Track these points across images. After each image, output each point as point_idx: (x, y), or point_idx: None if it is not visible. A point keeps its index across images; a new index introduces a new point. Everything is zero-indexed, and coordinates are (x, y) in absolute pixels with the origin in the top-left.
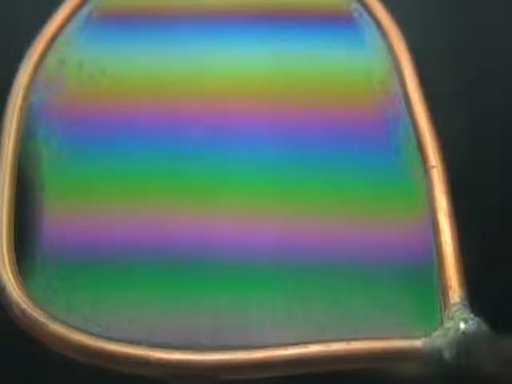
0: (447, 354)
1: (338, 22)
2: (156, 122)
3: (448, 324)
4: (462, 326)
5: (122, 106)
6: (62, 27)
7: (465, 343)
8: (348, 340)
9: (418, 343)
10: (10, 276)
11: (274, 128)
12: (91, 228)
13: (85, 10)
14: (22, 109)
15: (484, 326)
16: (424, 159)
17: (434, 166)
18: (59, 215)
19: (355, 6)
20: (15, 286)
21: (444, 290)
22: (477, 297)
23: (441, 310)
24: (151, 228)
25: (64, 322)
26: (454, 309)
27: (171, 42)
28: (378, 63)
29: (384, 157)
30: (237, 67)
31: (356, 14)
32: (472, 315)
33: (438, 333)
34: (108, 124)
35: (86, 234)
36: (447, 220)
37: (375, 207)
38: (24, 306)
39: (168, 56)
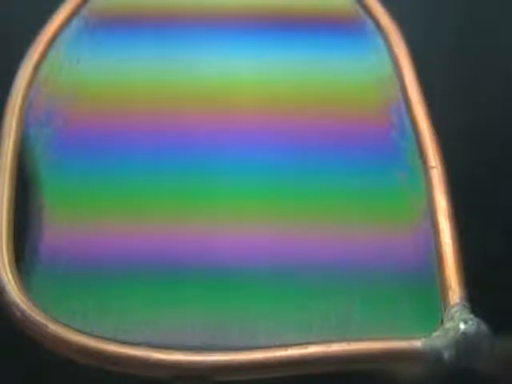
0: (447, 355)
1: (339, 26)
2: (155, 128)
3: (448, 324)
4: (462, 326)
5: (121, 111)
6: (61, 28)
7: (465, 344)
8: (348, 340)
9: (417, 344)
10: (10, 277)
11: (275, 135)
12: (91, 231)
13: (84, 11)
14: (21, 109)
15: (484, 327)
16: (424, 160)
17: (433, 167)
18: (59, 218)
19: (357, 9)
20: (15, 286)
21: (444, 291)
22: (477, 297)
23: (441, 310)
24: (152, 233)
25: (64, 323)
26: (453, 309)
27: (171, 46)
28: (379, 66)
29: (384, 158)
30: (237, 73)
31: (357, 18)
32: (472, 316)
33: (437, 333)
34: (106, 129)
35: (86, 236)
36: (447, 220)
37: (375, 209)
38: (23, 306)
39: (168, 61)
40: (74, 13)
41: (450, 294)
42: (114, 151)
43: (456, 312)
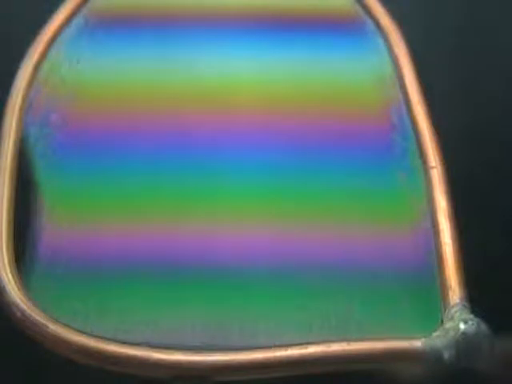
0: (447, 355)
1: (339, 26)
2: (155, 129)
3: (448, 324)
4: (462, 326)
5: (121, 111)
6: (61, 28)
7: (464, 344)
8: (348, 340)
9: (417, 344)
10: (10, 277)
11: (275, 136)
12: (91, 231)
13: (85, 11)
14: (21, 109)
15: (484, 327)
16: (424, 160)
17: (433, 167)
18: (59, 218)
19: (357, 9)
20: (15, 286)
21: (444, 291)
22: (477, 297)
23: (441, 310)
24: (152, 233)
25: (64, 324)
26: (453, 309)
27: (171, 46)
28: (379, 66)
29: (384, 158)
30: (237, 73)
31: (357, 18)
32: (472, 316)
33: (437, 333)
34: (106, 129)
35: (86, 236)
36: (447, 220)
37: (375, 209)
38: (23, 306)
39: (168, 61)
40: (74, 13)
41: (450, 294)
42: (114, 151)
43: (456, 312)
